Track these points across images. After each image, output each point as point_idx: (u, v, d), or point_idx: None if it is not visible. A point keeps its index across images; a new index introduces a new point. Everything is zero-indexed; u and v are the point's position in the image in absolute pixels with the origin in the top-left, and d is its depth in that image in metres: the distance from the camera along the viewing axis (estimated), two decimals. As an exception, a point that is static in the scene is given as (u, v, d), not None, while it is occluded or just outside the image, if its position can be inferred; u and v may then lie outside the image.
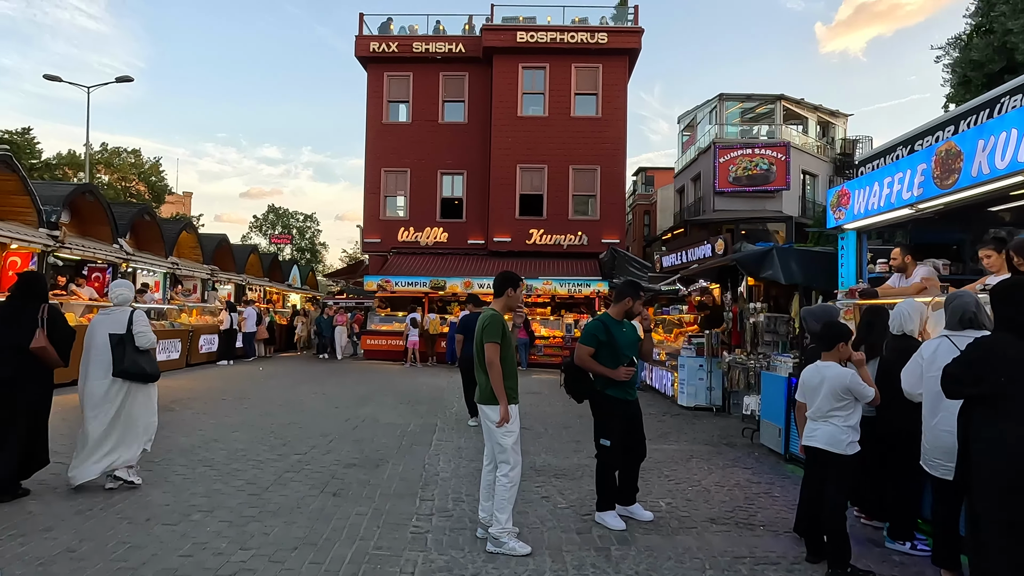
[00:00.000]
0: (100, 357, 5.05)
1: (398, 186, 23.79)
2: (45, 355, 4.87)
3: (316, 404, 10.18)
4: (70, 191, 12.78)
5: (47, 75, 23.25)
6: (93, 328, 5.18)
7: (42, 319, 4.89)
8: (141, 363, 5.11)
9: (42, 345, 4.83)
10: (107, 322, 5.16)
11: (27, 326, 4.82)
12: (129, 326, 5.11)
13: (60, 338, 5.00)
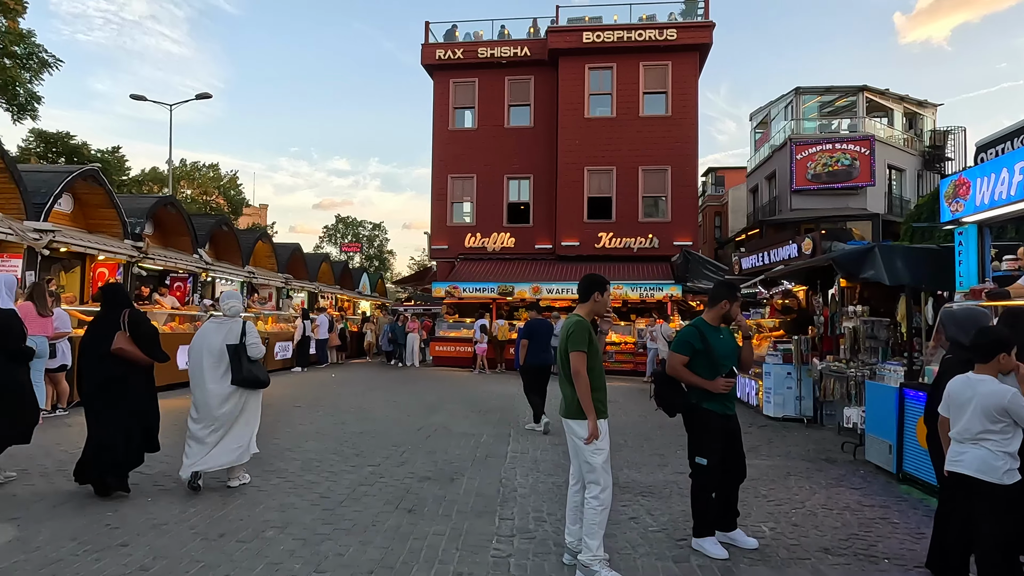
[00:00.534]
0: (214, 363, 5.31)
1: (464, 192, 23.76)
2: (125, 355, 5.11)
3: (387, 412, 10.06)
4: (153, 203, 13.23)
5: (133, 95, 24.45)
6: (204, 336, 5.45)
7: (123, 323, 5.20)
8: (255, 372, 5.42)
9: (121, 346, 5.08)
10: (220, 331, 5.41)
11: (111, 330, 5.14)
12: (242, 337, 5.39)
13: (145, 338, 5.25)
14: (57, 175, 10.52)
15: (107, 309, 5.35)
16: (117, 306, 5.32)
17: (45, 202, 9.92)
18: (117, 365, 5.12)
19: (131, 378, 5.19)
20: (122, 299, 5.44)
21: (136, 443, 5.17)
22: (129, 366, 5.16)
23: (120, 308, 5.30)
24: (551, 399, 11.23)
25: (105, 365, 5.10)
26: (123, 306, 5.35)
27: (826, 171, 24.55)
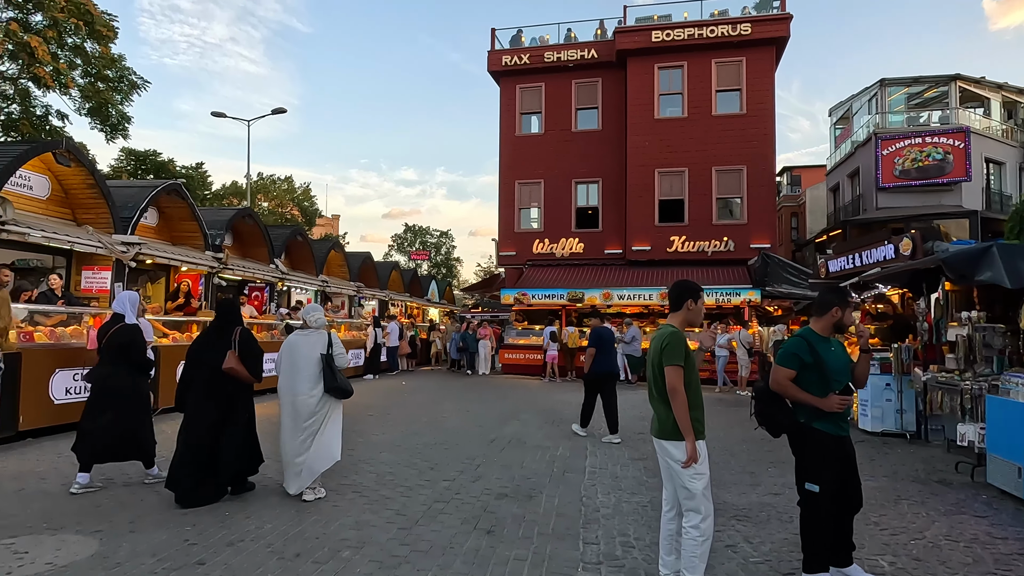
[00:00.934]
0: (303, 374, 5.44)
1: (532, 198, 23.56)
2: (235, 374, 5.35)
3: (459, 422, 9.90)
4: (232, 215, 13.60)
5: (214, 112, 25.51)
6: (293, 347, 5.56)
7: (234, 341, 5.42)
8: (343, 381, 5.54)
9: (231, 366, 5.32)
10: (307, 342, 5.54)
11: (223, 348, 5.38)
12: (329, 348, 5.52)
13: (251, 357, 5.46)
14: (143, 190, 10.91)
15: (219, 324, 5.56)
16: (229, 323, 5.53)
17: (132, 216, 10.28)
18: (225, 379, 5.34)
19: (237, 393, 5.44)
20: (235, 316, 5.65)
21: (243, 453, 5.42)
22: (235, 382, 5.39)
23: (232, 325, 5.52)
24: (628, 413, 10.88)
25: (213, 377, 5.31)
26: (235, 323, 5.56)
27: (916, 166, 23.06)
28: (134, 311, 5.80)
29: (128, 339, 5.60)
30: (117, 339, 5.60)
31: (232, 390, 5.40)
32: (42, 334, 8.30)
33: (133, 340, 5.62)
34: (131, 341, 5.61)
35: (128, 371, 5.62)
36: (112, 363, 5.58)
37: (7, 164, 8.13)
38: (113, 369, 5.57)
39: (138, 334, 5.72)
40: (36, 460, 6.62)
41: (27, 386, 7.71)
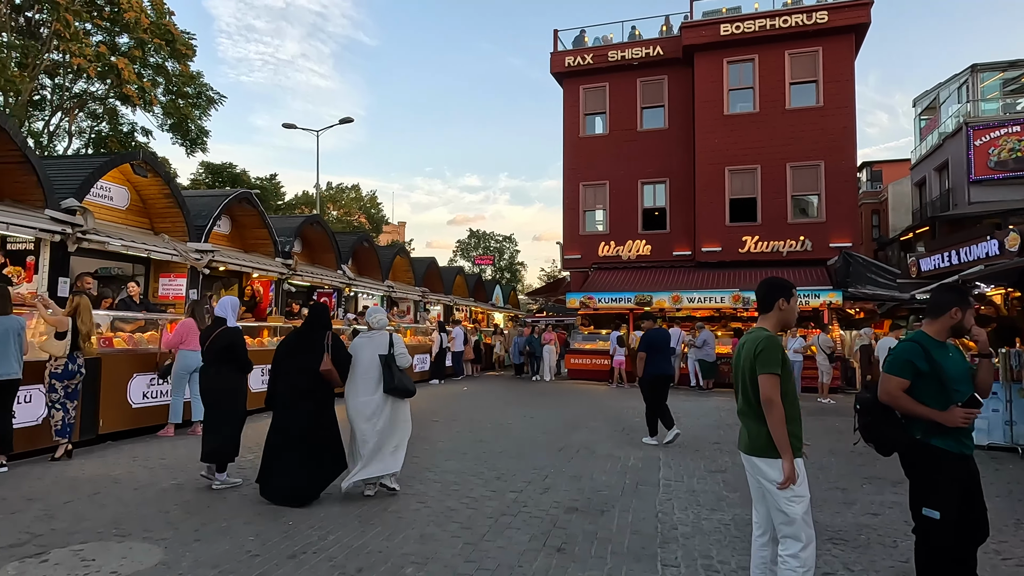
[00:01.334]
0: (367, 375, 5.59)
1: (597, 200, 23.12)
2: (331, 377, 5.55)
3: (525, 429, 9.64)
4: (300, 223, 13.83)
5: (285, 124, 26.36)
6: (357, 349, 5.73)
7: (328, 345, 5.58)
8: (404, 381, 5.65)
9: (328, 368, 5.52)
10: (371, 344, 5.68)
11: (317, 351, 5.53)
12: (390, 348, 5.65)
13: (340, 361, 5.63)
14: (216, 199, 11.19)
15: (309, 327, 5.71)
16: (321, 327, 5.68)
17: (205, 224, 10.52)
18: (316, 381, 5.50)
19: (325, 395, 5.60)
20: (326, 321, 5.80)
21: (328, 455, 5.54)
22: (323, 385, 5.55)
23: (324, 330, 5.67)
24: (701, 421, 10.34)
25: (305, 379, 5.48)
26: (326, 328, 5.71)
27: (1013, 157, 21.42)
28: (234, 315, 6.15)
29: (229, 341, 5.91)
30: (220, 341, 5.91)
31: (321, 392, 5.54)
32: (121, 339, 8.55)
33: (233, 342, 5.93)
34: (232, 343, 5.92)
35: (229, 372, 5.92)
36: (216, 364, 5.89)
37: (88, 176, 8.42)
38: (217, 369, 5.88)
39: (238, 336, 6.04)
40: (113, 463, 6.76)
41: (107, 390, 7.94)
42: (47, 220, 7.68)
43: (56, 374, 6.84)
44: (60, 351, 6.85)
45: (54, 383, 6.84)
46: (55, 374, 6.84)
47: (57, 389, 6.85)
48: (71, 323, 6.95)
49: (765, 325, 3.38)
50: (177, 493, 5.58)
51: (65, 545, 4.20)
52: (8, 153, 7.60)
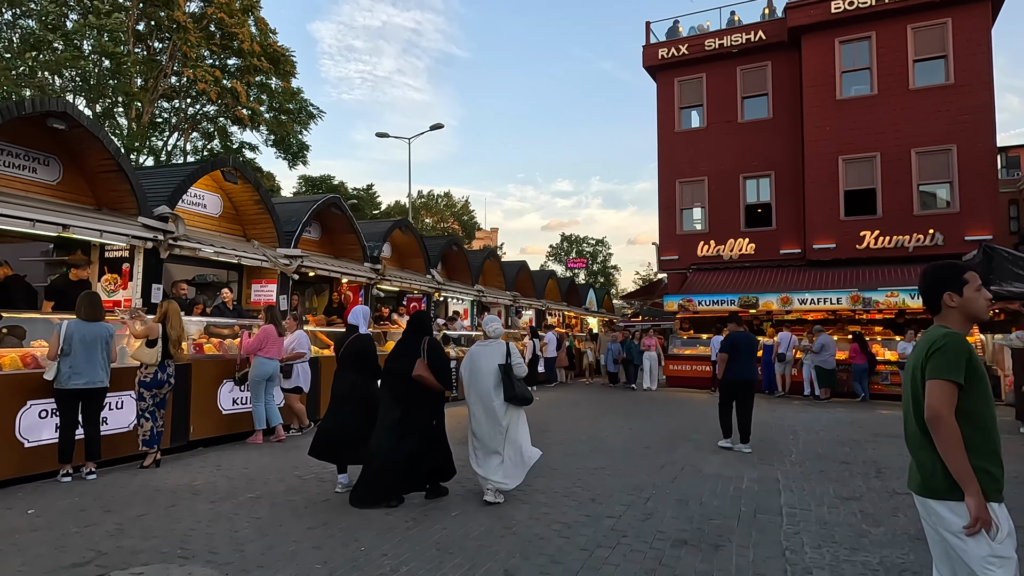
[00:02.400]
0: (486, 383, 5.63)
1: (695, 197, 21.90)
2: (424, 382, 5.51)
3: (622, 442, 8.88)
4: (389, 227, 13.70)
5: (378, 133, 26.78)
6: (473, 358, 5.79)
7: (423, 349, 5.61)
8: (522, 389, 5.66)
9: (420, 373, 5.49)
10: (488, 353, 5.73)
11: (413, 356, 5.56)
12: (508, 357, 5.68)
13: (438, 366, 5.62)
14: (305, 205, 11.18)
15: (410, 334, 5.81)
16: (420, 332, 5.78)
17: (295, 230, 10.49)
18: (413, 386, 5.52)
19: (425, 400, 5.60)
20: (425, 326, 5.89)
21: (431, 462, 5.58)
22: (423, 389, 5.55)
23: (421, 334, 5.74)
24: (823, 436, 9.15)
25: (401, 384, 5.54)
26: (425, 333, 5.78)
27: None
28: (366, 322, 6.24)
29: (362, 348, 6.02)
30: (353, 348, 6.03)
31: (421, 397, 5.55)
32: (212, 346, 8.56)
33: (366, 349, 6.04)
34: (364, 350, 6.02)
35: (364, 378, 5.98)
36: (353, 370, 5.97)
37: (179, 183, 8.50)
38: (354, 376, 5.95)
39: (371, 343, 6.16)
40: (197, 472, 6.63)
41: (197, 397, 7.92)
42: (140, 227, 7.75)
43: (145, 383, 6.80)
44: (152, 359, 6.82)
45: (143, 392, 6.80)
46: (144, 383, 6.80)
47: (146, 398, 6.81)
48: (161, 329, 6.91)
49: (949, 323, 2.55)
50: (252, 508, 5.29)
51: (126, 567, 3.92)
52: (103, 162, 7.74)
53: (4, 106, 6.60)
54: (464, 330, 16.32)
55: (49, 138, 7.57)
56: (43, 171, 7.61)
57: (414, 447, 5.46)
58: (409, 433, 5.46)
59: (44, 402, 6.24)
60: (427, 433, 5.56)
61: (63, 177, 7.82)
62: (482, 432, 5.61)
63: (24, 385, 6.12)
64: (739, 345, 8.53)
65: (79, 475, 6.25)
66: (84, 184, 8.05)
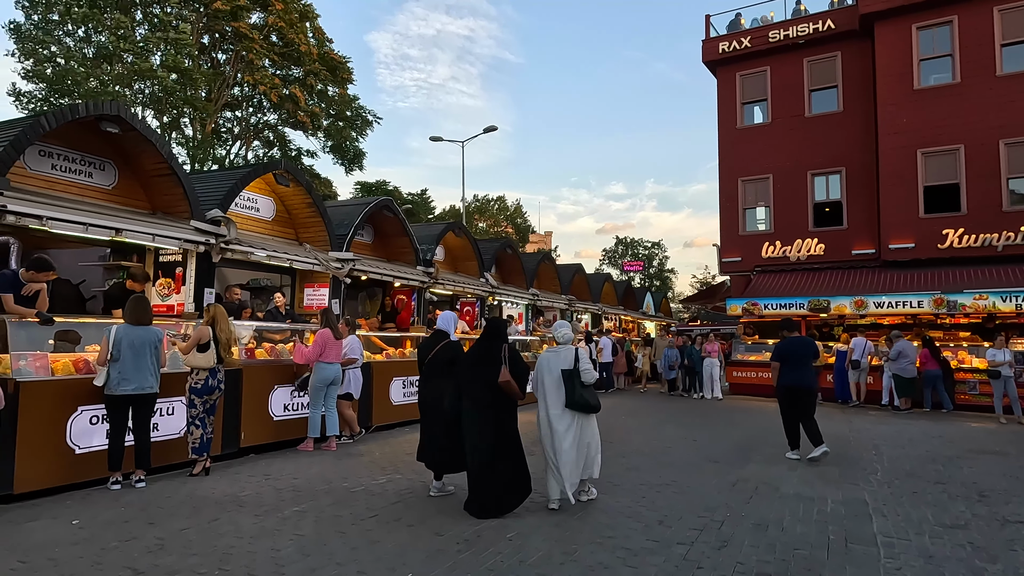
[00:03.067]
0: (556, 390, 5.69)
1: (759, 196, 20.94)
2: (509, 388, 5.49)
3: (687, 455, 8.31)
4: (441, 229, 13.47)
5: (432, 137, 26.89)
6: (543, 363, 5.82)
7: (505, 357, 5.55)
8: (587, 396, 5.66)
9: (507, 379, 5.46)
10: (556, 359, 5.77)
11: (496, 364, 5.51)
12: (576, 363, 5.67)
13: (519, 374, 5.58)
14: (357, 208, 11.05)
15: (488, 340, 5.75)
16: (498, 339, 5.71)
17: (347, 233, 10.34)
18: (496, 393, 5.51)
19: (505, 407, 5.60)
20: (503, 333, 5.83)
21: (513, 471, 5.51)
22: (505, 396, 5.54)
23: (501, 341, 5.69)
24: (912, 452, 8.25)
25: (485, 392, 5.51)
26: (503, 340, 5.73)
27: None
28: (453, 328, 6.26)
29: (453, 354, 6.03)
30: (444, 355, 6.04)
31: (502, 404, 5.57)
32: (263, 351, 8.43)
33: (457, 355, 6.03)
34: (455, 356, 6.02)
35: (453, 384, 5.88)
36: (441, 376, 5.97)
37: (231, 187, 8.43)
38: (446, 383, 5.91)
39: (460, 350, 6.15)
40: (245, 482, 6.44)
41: (248, 402, 7.79)
42: (192, 231, 7.68)
43: (196, 389, 6.67)
44: (208, 362, 6.69)
45: (193, 398, 6.67)
46: (195, 389, 6.67)
47: (196, 405, 6.67)
48: (211, 333, 6.78)
49: None
50: (296, 523, 5.02)
51: (160, 589, 3.68)
52: (156, 166, 7.70)
53: (58, 110, 6.58)
54: (519, 335, 15.96)
55: (104, 143, 7.59)
56: (99, 176, 7.62)
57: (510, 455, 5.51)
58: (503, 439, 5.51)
59: (95, 408, 6.15)
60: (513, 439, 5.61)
61: (118, 182, 7.83)
62: (553, 440, 5.62)
63: (75, 390, 6.05)
64: (791, 352, 8.25)
65: (128, 483, 6.15)
66: (139, 188, 8.04)
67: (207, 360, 6.75)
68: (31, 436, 5.66)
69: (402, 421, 10.41)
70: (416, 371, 10.84)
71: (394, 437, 9.39)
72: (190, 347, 6.67)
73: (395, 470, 7.07)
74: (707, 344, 16.54)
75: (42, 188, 6.99)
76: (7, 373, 5.68)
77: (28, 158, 6.94)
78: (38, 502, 5.54)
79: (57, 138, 7.13)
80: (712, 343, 16.39)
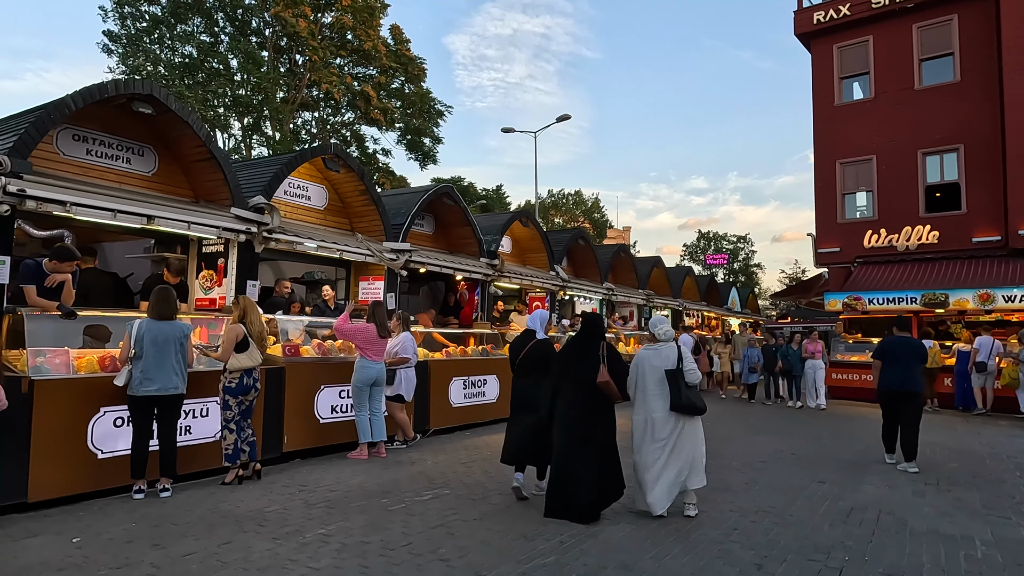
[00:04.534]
0: (655, 391, 5.30)
1: (860, 180, 18.96)
2: (608, 389, 5.20)
3: (787, 473, 7.08)
4: (508, 218, 12.61)
5: (503, 128, 26.02)
6: (641, 362, 5.45)
7: (603, 356, 5.25)
8: (692, 398, 5.27)
9: (606, 380, 5.16)
10: (657, 358, 5.38)
11: (593, 363, 5.22)
12: (679, 363, 5.31)
13: (618, 373, 5.28)
14: (415, 195, 10.35)
15: (584, 338, 5.43)
16: (595, 336, 5.40)
17: (403, 223, 9.65)
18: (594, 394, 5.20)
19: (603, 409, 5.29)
20: (601, 330, 5.49)
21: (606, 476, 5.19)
22: (603, 397, 5.24)
23: (598, 339, 5.37)
24: None
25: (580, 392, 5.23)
26: (600, 337, 5.41)
27: None
28: (543, 328, 6.01)
29: (546, 353, 5.84)
30: (534, 354, 5.82)
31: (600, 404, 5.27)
32: (310, 347, 7.83)
33: (549, 354, 5.84)
34: (547, 355, 5.83)
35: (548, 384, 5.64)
36: (535, 374, 5.79)
37: (276, 172, 7.89)
38: (535, 380, 5.76)
39: (550, 348, 5.93)
40: (277, 494, 5.78)
41: (291, 404, 7.19)
42: (232, 219, 7.16)
43: (230, 388, 6.08)
44: (251, 362, 6.12)
45: (227, 399, 6.08)
46: (229, 388, 6.08)
47: (231, 406, 6.08)
48: (245, 329, 6.19)
49: None
50: (316, 551, 4.27)
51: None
52: (195, 150, 7.22)
53: (86, 90, 6.14)
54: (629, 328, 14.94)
55: (142, 126, 7.16)
56: (138, 161, 7.20)
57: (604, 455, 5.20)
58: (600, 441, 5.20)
59: (119, 409, 5.65)
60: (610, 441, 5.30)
61: (159, 168, 7.40)
62: (648, 447, 5.26)
63: (98, 390, 5.55)
64: (892, 351, 7.62)
65: (154, 491, 5.62)
66: (180, 175, 7.60)
67: (251, 359, 6.17)
68: (48, 439, 5.19)
69: (462, 425, 9.64)
70: (479, 371, 10.16)
71: (451, 443, 8.61)
72: (228, 350, 6.07)
73: (444, 483, 6.26)
74: (808, 343, 14.16)
75: (76, 174, 6.60)
76: (23, 370, 5.23)
77: (61, 143, 6.57)
78: (51, 512, 5.06)
79: (92, 121, 6.74)
80: (815, 341, 14.23)
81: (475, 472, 6.78)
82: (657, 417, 5.26)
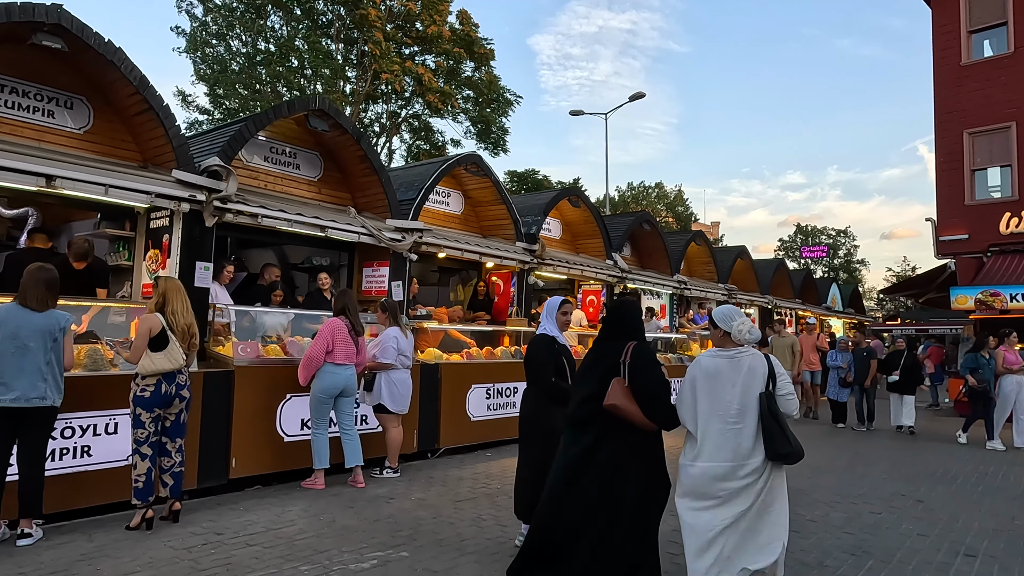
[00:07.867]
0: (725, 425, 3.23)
1: (993, 153, 15.75)
2: (622, 414, 3.37)
3: (916, 539, 4.86)
4: (552, 197, 10.72)
5: (572, 111, 24.17)
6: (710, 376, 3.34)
7: (624, 363, 3.38)
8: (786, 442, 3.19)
9: (614, 403, 3.28)
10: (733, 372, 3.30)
11: (606, 373, 3.40)
12: (770, 380, 3.29)
13: (649, 390, 3.41)
14: (430, 167, 8.69)
15: (604, 340, 3.55)
16: (617, 336, 3.48)
17: (414, 197, 8.01)
18: (604, 419, 3.30)
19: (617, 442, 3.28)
20: (629, 326, 3.52)
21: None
22: (618, 424, 3.28)
23: (623, 339, 3.44)
24: None
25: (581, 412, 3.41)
26: (628, 336, 3.45)
27: None
28: (551, 319, 4.42)
29: (546, 355, 4.26)
30: (537, 356, 4.30)
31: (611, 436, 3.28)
32: (276, 347, 6.30)
33: (552, 356, 4.26)
34: (549, 358, 4.25)
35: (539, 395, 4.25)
36: (536, 388, 4.35)
37: (236, 132, 6.45)
38: (541, 397, 4.28)
39: (558, 348, 4.33)
40: (180, 545, 4.23)
41: (242, 417, 5.68)
42: (172, 183, 5.74)
43: (142, 399, 4.56)
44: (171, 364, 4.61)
45: (140, 413, 4.57)
46: (140, 399, 4.57)
47: (143, 423, 4.58)
48: (162, 321, 4.69)
49: None
50: None
51: None
52: (130, 102, 5.87)
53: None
54: (660, 332, 12.84)
55: (72, 72, 5.87)
56: (64, 115, 5.90)
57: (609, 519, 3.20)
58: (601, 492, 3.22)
59: (-25, 425, 4.27)
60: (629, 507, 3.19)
61: (93, 124, 6.08)
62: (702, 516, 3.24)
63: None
64: None
65: (16, 534, 4.20)
66: (125, 134, 6.28)
67: (170, 360, 4.65)
68: None
69: (483, 443, 7.89)
70: (508, 377, 8.29)
71: (460, 467, 6.88)
72: (139, 349, 4.58)
73: (411, 536, 4.53)
74: (1006, 350, 9.70)
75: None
76: None
77: None
78: None
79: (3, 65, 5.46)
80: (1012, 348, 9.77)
81: (464, 518, 5.01)
82: (731, 469, 3.22)
